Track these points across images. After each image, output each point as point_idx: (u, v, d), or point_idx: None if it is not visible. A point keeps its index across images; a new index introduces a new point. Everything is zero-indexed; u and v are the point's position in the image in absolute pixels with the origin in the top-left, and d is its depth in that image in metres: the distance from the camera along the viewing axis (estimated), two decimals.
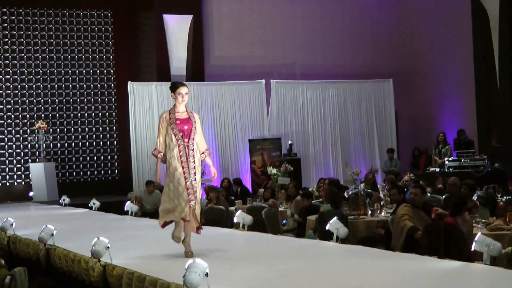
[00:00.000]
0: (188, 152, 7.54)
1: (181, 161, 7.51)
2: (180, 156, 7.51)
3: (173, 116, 7.63)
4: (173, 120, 7.60)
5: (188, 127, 7.61)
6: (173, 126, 7.57)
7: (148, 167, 18.61)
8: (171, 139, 7.57)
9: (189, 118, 7.69)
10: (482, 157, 17.48)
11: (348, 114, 20.54)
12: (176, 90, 7.64)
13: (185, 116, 7.68)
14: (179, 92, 7.63)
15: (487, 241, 6.55)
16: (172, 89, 7.72)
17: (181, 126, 7.58)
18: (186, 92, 7.69)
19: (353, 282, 5.99)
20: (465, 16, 19.71)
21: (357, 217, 11.23)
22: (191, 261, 5.27)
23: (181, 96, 7.63)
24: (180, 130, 7.56)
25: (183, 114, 7.69)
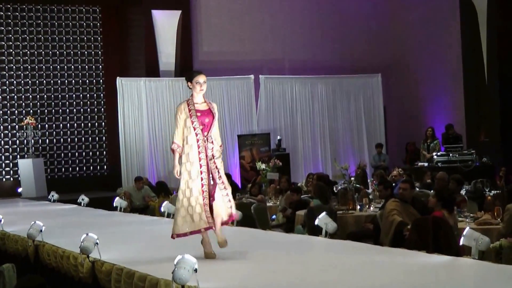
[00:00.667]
0: (207, 146, 6.98)
1: (199, 158, 6.95)
2: (199, 152, 6.95)
3: (192, 107, 7.00)
4: (194, 112, 6.97)
5: (209, 120, 7.01)
6: (194, 119, 6.96)
7: (137, 163, 18.62)
8: (189, 132, 6.97)
9: (210, 109, 7.07)
10: (471, 151, 17.55)
11: (337, 109, 20.58)
12: (194, 79, 7.01)
13: (205, 107, 7.06)
14: (197, 81, 6.99)
15: (475, 236, 6.57)
16: (188, 78, 7.09)
17: (202, 119, 6.98)
18: (204, 81, 7.03)
19: (342, 277, 6.00)
20: (453, 11, 19.75)
21: (346, 212, 11.25)
22: (180, 257, 5.26)
23: (199, 85, 7.00)
24: (201, 123, 6.97)
25: (203, 105, 7.06)
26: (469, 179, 12.77)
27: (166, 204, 12.09)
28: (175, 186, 17.24)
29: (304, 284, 5.77)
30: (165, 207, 11.92)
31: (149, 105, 18.89)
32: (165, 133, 18.94)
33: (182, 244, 7.50)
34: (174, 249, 6.82)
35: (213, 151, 7.00)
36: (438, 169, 15.85)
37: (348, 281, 5.86)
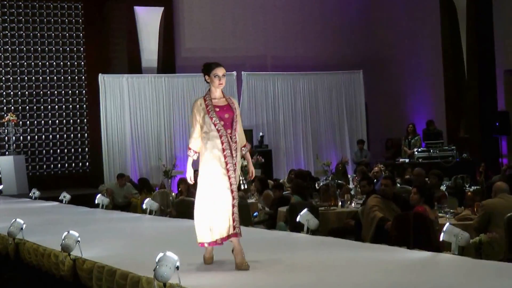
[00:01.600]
0: (231, 145, 6.32)
1: (224, 155, 6.28)
2: (223, 150, 6.28)
3: (209, 103, 6.40)
4: (211, 108, 6.36)
5: (229, 115, 6.38)
6: (212, 115, 6.34)
7: (119, 160, 18.59)
8: (209, 129, 6.33)
9: (229, 105, 6.45)
10: (451, 147, 17.63)
11: (319, 106, 20.62)
12: (212, 72, 6.41)
13: (224, 103, 6.45)
14: (216, 74, 6.40)
15: (455, 231, 6.62)
16: (206, 71, 6.48)
17: (221, 114, 6.36)
18: (223, 74, 6.43)
19: (324, 273, 6.03)
20: (433, 8, 19.85)
21: (328, 209, 11.28)
22: (162, 254, 5.27)
23: (217, 79, 6.40)
24: (220, 119, 6.34)
25: (221, 100, 6.46)
26: (449, 175, 12.85)
27: (148, 201, 12.06)
28: (157, 182, 17.28)
29: (287, 281, 5.79)
30: (147, 204, 11.89)
31: (132, 101, 18.84)
32: (147, 130, 18.92)
33: (164, 242, 7.51)
34: (156, 247, 6.82)
35: (237, 152, 6.39)
36: (419, 165, 15.93)
37: (329, 277, 5.89)
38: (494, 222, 8.49)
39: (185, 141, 19.12)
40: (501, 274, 5.79)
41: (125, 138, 18.69)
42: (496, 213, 8.52)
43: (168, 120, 19.11)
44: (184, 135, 19.14)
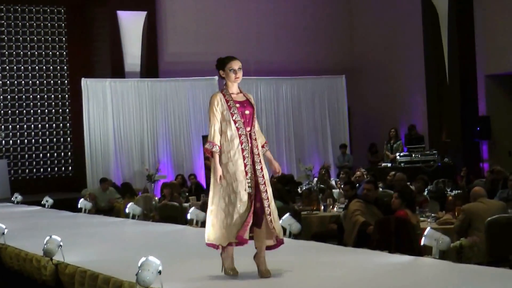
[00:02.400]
0: (251, 144, 5.97)
1: (243, 157, 5.91)
2: (242, 150, 5.91)
3: (229, 98, 6.02)
4: (232, 104, 5.99)
5: (250, 111, 6.02)
6: (234, 111, 5.96)
7: (102, 164, 18.52)
8: (228, 127, 5.95)
9: (248, 100, 6.10)
10: (433, 152, 17.72)
11: (302, 110, 20.66)
12: (227, 66, 6.09)
13: (242, 98, 6.09)
14: (231, 68, 6.08)
15: (436, 235, 6.67)
16: (220, 66, 6.16)
17: (242, 110, 6.00)
18: (239, 67, 6.08)
19: (306, 277, 6.06)
20: (415, 14, 19.94)
21: (310, 213, 11.33)
22: (144, 259, 5.27)
23: (233, 73, 6.06)
24: (242, 116, 5.98)
25: (240, 95, 6.10)
26: (431, 179, 12.93)
27: (131, 205, 12.08)
28: (140, 187, 17.26)
29: (268, 285, 5.82)
30: (130, 208, 11.91)
31: (115, 106, 18.79)
32: (130, 134, 18.88)
33: (147, 246, 7.52)
34: (139, 251, 6.82)
35: (259, 149, 6.02)
36: (401, 169, 16.01)
37: (311, 281, 5.92)
38: (475, 225, 8.56)
39: (168, 145, 19.14)
40: (481, 277, 5.84)
41: (108, 142, 18.64)
42: (476, 217, 8.59)
43: (151, 125, 19.08)
44: (166, 139, 19.14)
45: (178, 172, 18.12)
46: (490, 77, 18.57)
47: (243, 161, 5.89)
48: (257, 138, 6.05)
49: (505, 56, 18.01)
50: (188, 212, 10.42)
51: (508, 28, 17.93)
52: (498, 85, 18.77)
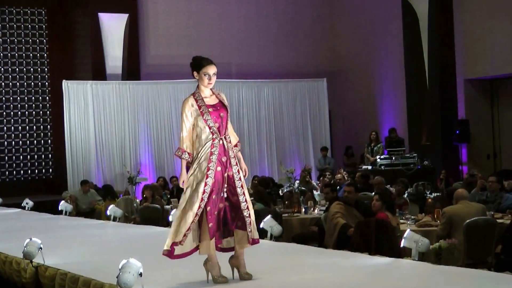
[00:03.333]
0: (227, 147, 5.88)
1: (209, 160, 5.80)
2: (211, 153, 5.82)
3: (202, 103, 5.88)
4: (205, 109, 5.86)
5: (224, 114, 5.91)
6: (206, 116, 5.84)
7: (83, 166, 18.46)
8: (202, 132, 5.85)
9: (221, 102, 5.98)
10: (413, 155, 17.79)
11: (283, 113, 20.70)
12: (202, 70, 5.92)
13: (215, 101, 5.96)
14: (206, 72, 5.91)
15: (416, 238, 6.73)
16: (195, 67, 5.96)
17: (215, 114, 5.87)
18: (214, 73, 5.94)
19: (287, 279, 6.09)
20: (396, 18, 20.04)
21: (291, 215, 11.38)
22: (125, 261, 5.28)
23: (207, 78, 5.92)
24: (215, 120, 5.86)
25: (212, 98, 5.97)
26: (411, 182, 13.00)
27: (112, 207, 12.07)
28: (121, 189, 17.23)
29: (250, 287, 5.84)
30: (111, 211, 11.90)
31: (96, 108, 18.74)
32: (111, 137, 18.83)
33: (127, 248, 7.52)
34: (120, 253, 6.82)
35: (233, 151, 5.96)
36: (381, 172, 16.10)
37: (293, 283, 5.95)
38: (455, 228, 8.63)
39: (149, 147, 19.12)
40: (459, 279, 5.90)
41: (89, 145, 18.59)
42: (457, 219, 8.67)
43: (132, 127, 19.05)
44: (149, 141, 19.12)
45: (160, 175, 18.10)
46: (469, 81, 18.70)
47: (207, 165, 5.79)
48: (231, 137, 6.00)
49: (484, 60, 18.15)
50: (170, 215, 10.44)
51: (487, 33, 18.08)
52: (477, 89, 18.91)
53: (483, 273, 6.20)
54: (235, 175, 5.90)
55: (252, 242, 5.92)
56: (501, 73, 18.13)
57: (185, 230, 5.75)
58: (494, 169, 17.82)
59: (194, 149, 5.91)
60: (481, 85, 18.94)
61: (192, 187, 5.80)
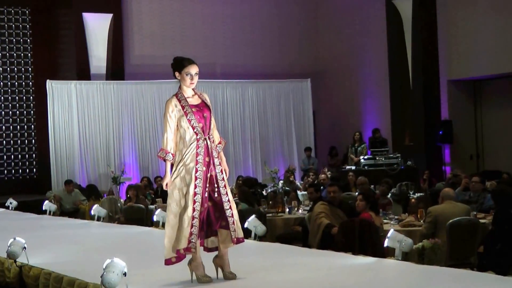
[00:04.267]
0: (211, 147, 5.86)
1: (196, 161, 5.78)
2: (197, 154, 5.80)
3: (185, 102, 5.87)
4: (188, 109, 5.84)
5: (207, 115, 5.89)
6: (190, 116, 5.81)
7: (67, 166, 18.41)
8: (186, 133, 5.84)
9: (204, 103, 5.95)
10: (396, 155, 17.84)
11: (267, 114, 20.72)
12: (184, 70, 5.89)
13: (198, 101, 5.93)
14: (188, 72, 5.88)
15: (399, 237, 6.76)
16: (177, 67, 5.95)
17: (199, 115, 5.84)
18: (196, 72, 5.91)
19: (271, 279, 6.11)
20: (380, 19, 20.12)
21: (275, 215, 11.41)
22: (109, 261, 5.28)
23: (189, 78, 5.89)
24: (199, 121, 5.84)
25: (195, 98, 5.94)
26: (394, 182, 13.06)
27: (96, 207, 12.06)
28: (105, 189, 17.20)
29: (233, 286, 5.86)
30: (95, 211, 11.89)
31: (80, 108, 18.69)
32: (96, 137, 18.79)
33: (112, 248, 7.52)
34: (104, 253, 6.83)
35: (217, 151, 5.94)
36: (365, 172, 16.15)
37: (276, 283, 5.97)
38: (440, 228, 8.68)
39: (133, 147, 19.09)
40: (442, 278, 5.93)
41: (73, 145, 18.54)
42: (442, 219, 8.71)
43: (117, 127, 19.02)
44: (133, 141, 19.10)
45: (144, 175, 18.11)
46: (452, 82, 18.81)
47: (195, 166, 5.78)
48: (215, 137, 5.97)
49: (468, 61, 18.26)
50: (154, 214, 10.44)
51: (470, 34, 18.19)
52: (461, 90, 19.02)
53: (465, 272, 6.24)
54: (218, 175, 5.89)
55: (237, 241, 5.91)
56: (484, 74, 18.26)
57: (188, 235, 5.73)
58: (477, 170, 17.93)
59: (178, 150, 5.88)
60: (465, 86, 19.05)
61: (182, 190, 5.79)
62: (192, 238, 5.75)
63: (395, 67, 19.48)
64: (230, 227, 5.87)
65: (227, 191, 5.91)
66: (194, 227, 5.76)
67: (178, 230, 5.76)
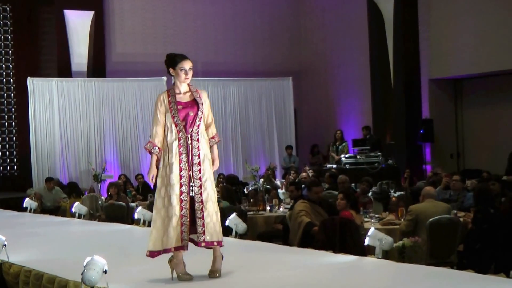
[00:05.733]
0: (192, 145, 5.89)
1: (180, 160, 5.86)
2: (180, 154, 5.85)
3: (173, 99, 5.91)
4: (174, 106, 5.89)
5: (194, 113, 5.90)
6: (174, 113, 5.86)
7: (48, 164, 18.35)
8: (169, 130, 5.89)
9: (195, 100, 5.96)
10: (377, 154, 17.92)
11: (249, 112, 20.73)
12: (177, 65, 5.94)
13: (188, 99, 5.96)
14: (182, 68, 5.93)
15: (379, 236, 6.78)
16: (170, 64, 6.00)
17: (184, 113, 5.87)
18: (190, 67, 5.97)
19: (252, 277, 6.13)
20: (361, 18, 20.19)
21: (256, 213, 11.43)
22: (89, 258, 5.27)
23: (184, 73, 5.94)
24: (183, 119, 5.87)
25: (186, 95, 5.97)
26: (375, 181, 13.11)
27: (77, 205, 12.03)
28: (86, 186, 17.16)
29: (213, 284, 5.87)
30: (76, 208, 11.86)
31: (61, 105, 18.63)
32: (77, 134, 18.73)
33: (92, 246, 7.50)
34: (85, 251, 6.81)
35: (200, 150, 5.90)
36: (346, 171, 16.19)
37: (257, 281, 5.99)
38: (420, 226, 8.72)
39: (115, 145, 19.05)
40: (422, 277, 5.96)
41: (55, 142, 18.48)
42: (423, 218, 8.75)
43: (98, 124, 18.97)
44: (114, 139, 19.05)
45: (125, 172, 18.09)
46: (433, 81, 18.91)
47: (179, 165, 5.83)
48: (200, 138, 5.91)
49: (449, 60, 18.36)
50: (135, 212, 10.44)
51: (451, 34, 18.28)
52: (442, 89, 19.12)
53: (445, 271, 6.28)
54: (195, 174, 5.88)
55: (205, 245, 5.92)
56: (465, 73, 18.37)
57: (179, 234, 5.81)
58: (458, 169, 18.03)
59: (164, 146, 5.93)
60: (446, 85, 19.16)
61: (167, 189, 5.83)
62: (184, 236, 5.83)
63: (377, 66, 19.55)
64: (197, 228, 5.87)
65: (202, 191, 5.89)
66: (184, 225, 5.82)
67: (168, 228, 5.80)
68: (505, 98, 18.05)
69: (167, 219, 5.81)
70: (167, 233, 5.80)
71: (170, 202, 5.80)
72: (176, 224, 5.79)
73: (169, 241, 5.81)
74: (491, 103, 18.43)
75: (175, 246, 5.82)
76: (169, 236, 5.80)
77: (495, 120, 18.27)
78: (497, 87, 18.25)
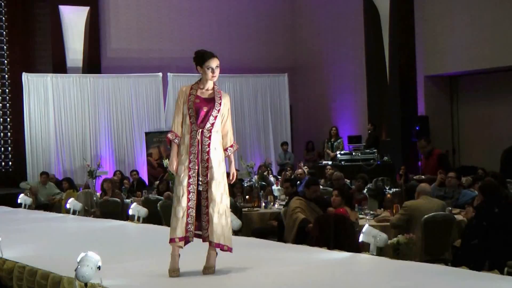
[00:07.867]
0: (202, 140, 5.97)
1: (189, 152, 5.95)
2: (190, 145, 5.94)
3: (194, 92, 6.01)
4: (192, 98, 5.97)
5: (208, 109, 5.97)
6: (190, 105, 5.95)
7: (43, 159, 18.34)
8: (184, 121, 5.99)
9: (214, 98, 6.03)
10: (372, 150, 17.91)
11: (244, 108, 20.73)
12: (205, 64, 6.04)
13: (208, 95, 6.04)
14: (209, 66, 6.04)
15: (374, 232, 6.78)
16: (198, 61, 6.10)
17: (199, 106, 5.95)
18: (217, 65, 6.09)
19: (246, 273, 6.13)
20: (357, 14, 20.18)
21: (251, 209, 11.42)
22: (83, 255, 5.26)
23: (211, 71, 6.03)
24: (196, 112, 5.95)
25: (208, 92, 6.05)
26: (370, 178, 13.09)
27: (72, 201, 12.01)
28: (81, 182, 17.13)
29: (207, 280, 5.86)
30: (71, 204, 11.84)
31: (56, 101, 18.62)
32: (72, 130, 18.71)
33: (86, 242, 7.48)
34: (79, 247, 6.80)
35: (210, 147, 5.96)
36: (341, 167, 16.19)
37: (252, 277, 5.99)
38: (415, 223, 8.71)
39: (110, 141, 19.04)
40: (417, 273, 5.97)
41: (49, 138, 18.47)
42: (417, 214, 8.73)
43: (93, 120, 18.96)
44: (108, 135, 19.03)
45: (120, 168, 18.07)
46: (429, 77, 18.89)
47: (188, 157, 5.92)
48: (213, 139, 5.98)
49: (444, 57, 18.35)
50: (129, 208, 10.43)
51: (447, 30, 18.27)
52: (437, 85, 19.11)
53: (440, 267, 6.27)
54: (202, 170, 5.95)
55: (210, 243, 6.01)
56: (461, 70, 18.35)
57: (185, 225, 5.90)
58: (453, 165, 18.01)
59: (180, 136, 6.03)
60: (441, 81, 19.15)
61: (178, 180, 5.95)
62: (189, 227, 5.92)
63: (372, 63, 19.54)
64: (202, 224, 5.99)
65: (208, 188, 5.94)
66: (190, 216, 5.92)
67: (176, 217, 5.90)
68: (501, 95, 18.05)
69: (175, 209, 5.93)
70: (174, 222, 5.91)
71: (177, 192, 5.93)
72: (182, 215, 5.89)
73: (177, 231, 5.90)
74: (487, 100, 18.42)
75: (179, 237, 5.89)
76: (177, 226, 5.90)
77: (491, 117, 18.26)
78: (493, 84, 18.25)
